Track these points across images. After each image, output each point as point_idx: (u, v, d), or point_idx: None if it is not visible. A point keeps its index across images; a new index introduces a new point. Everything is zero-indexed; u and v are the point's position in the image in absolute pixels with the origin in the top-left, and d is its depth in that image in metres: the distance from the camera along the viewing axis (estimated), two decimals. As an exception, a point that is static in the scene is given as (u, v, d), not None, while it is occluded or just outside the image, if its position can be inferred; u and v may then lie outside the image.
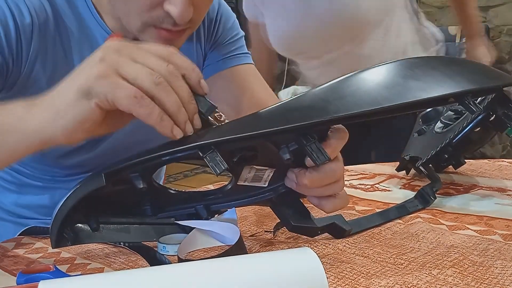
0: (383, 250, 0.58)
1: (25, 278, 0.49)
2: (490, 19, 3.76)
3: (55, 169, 0.83)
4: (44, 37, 0.70)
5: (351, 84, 0.53)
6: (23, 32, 0.68)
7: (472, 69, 0.62)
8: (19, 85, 0.70)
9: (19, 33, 0.68)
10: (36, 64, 0.70)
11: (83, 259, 0.58)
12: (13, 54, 0.68)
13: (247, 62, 0.93)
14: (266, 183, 0.58)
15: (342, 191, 0.60)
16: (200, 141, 0.48)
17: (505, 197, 0.78)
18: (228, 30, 0.91)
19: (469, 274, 0.51)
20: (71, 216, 0.53)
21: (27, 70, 0.70)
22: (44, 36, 0.70)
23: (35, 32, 0.69)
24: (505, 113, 0.70)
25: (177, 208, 0.60)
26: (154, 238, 0.60)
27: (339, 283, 0.50)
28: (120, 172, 0.50)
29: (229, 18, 0.92)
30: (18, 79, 0.70)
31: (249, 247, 0.59)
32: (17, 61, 0.69)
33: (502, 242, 0.60)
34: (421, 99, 0.54)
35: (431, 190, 0.75)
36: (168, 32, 0.67)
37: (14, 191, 0.86)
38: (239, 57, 0.92)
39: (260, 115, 0.51)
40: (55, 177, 0.84)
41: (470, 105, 0.57)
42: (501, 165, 0.97)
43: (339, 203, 0.60)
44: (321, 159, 0.51)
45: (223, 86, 0.90)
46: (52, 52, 0.71)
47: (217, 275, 0.39)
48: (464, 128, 0.79)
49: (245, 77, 0.91)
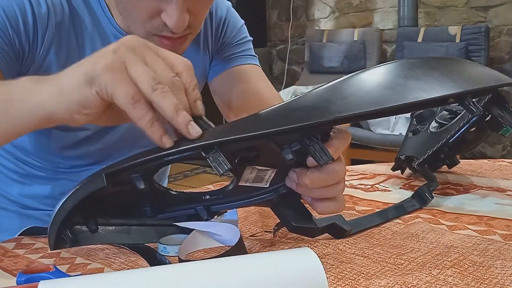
0: (383, 250, 0.58)
1: (25, 278, 0.48)
2: (490, 19, 3.76)
3: (60, 160, 0.85)
4: (59, 28, 0.74)
5: (352, 84, 0.53)
6: (39, 21, 0.72)
7: (471, 69, 0.62)
8: (32, 72, 0.73)
9: (36, 21, 0.71)
10: (50, 52, 0.74)
11: (83, 259, 0.58)
12: (30, 40, 0.72)
13: (253, 63, 0.95)
14: (267, 184, 0.58)
15: (341, 196, 0.59)
16: (203, 141, 0.48)
17: (505, 197, 0.78)
18: (236, 33, 0.93)
19: (469, 274, 0.51)
20: (70, 217, 0.53)
21: (41, 57, 0.74)
22: (59, 27, 0.74)
23: (51, 22, 0.73)
24: (500, 113, 0.70)
25: (177, 209, 0.60)
26: (155, 239, 0.60)
27: (339, 283, 0.50)
28: (121, 173, 0.50)
29: (237, 23, 0.95)
30: (32, 64, 0.73)
31: (249, 247, 0.59)
32: (32, 47, 0.73)
33: (502, 242, 0.60)
34: (422, 99, 0.54)
35: (428, 189, 0.75)
36: (169, 40, 0.70)
37: (19, 181, 0.88)
38: (246, 58, 0.94)
39: (263, 115, 0.51)
40: (59, 168, 0.86)
41: (470, 106, 0.57)
42: (501, 165, 0.97)
43: (333, 206, 0.59)
44: (325, 159, 0.51)
45: (228, 84, 0.92)
46: (66, 43, 0.75)
47: (217, 275, 0.39)
48: (461, 128, 0.80)
49: (251, 77, 0.93)
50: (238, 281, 0.39)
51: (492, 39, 3.71)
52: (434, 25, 4.02)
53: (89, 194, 0.50)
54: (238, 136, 0.48)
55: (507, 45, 3.73)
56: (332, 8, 4.48)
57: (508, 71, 3.70)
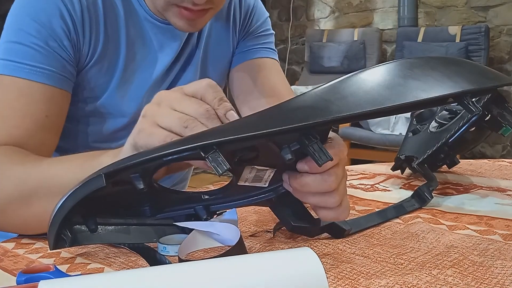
0: (383, 250, 0.58)
1: (25, 278, 0.48)
2: (490, 19, 3.76)
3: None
4: (95, 18, 0.78)
5: (352, 84, 0.53)
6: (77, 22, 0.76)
7: (470, 69, 0.62)
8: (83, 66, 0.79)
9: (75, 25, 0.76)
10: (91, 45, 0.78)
11: (83, 259, 0.58)
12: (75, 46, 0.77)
13: (272, 57, 0.97)
14: (266, 183, 0.58)
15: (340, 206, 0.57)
16: (202, 141, 0.48)
17: (505, 197, 0.78)
18: (261, 24, 0.97)
19: (469, 274, 0.51)
20: (70, 217, 0.53)
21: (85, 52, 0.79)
22: (94, 17, 0.78)
23: (85, 16, 0.77)
24: (500, 113, 0.70)
25: (176, 208, 0.60)
26: (154, 239, 0.60)
27: (339, 283, 0.50)
28: (120, 173, 0.50)
29: (263, 14, 0.98)
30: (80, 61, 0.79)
31: (249, 247, 0.59)
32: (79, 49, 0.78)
33: (502, 242, 0.60)
34: (421, 99, 0.54)
35: (427, 189, 0.75)
36: (189, 11, 0.73)
37: None
38: (267, 51, 0.97)
39: (262, 115, 0.50)
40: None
41: (469, 105, 0.57)
42: (501, 165, 0.97)
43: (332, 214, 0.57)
44: (323, 159, 0.51)
45: (247, 76, 0.95)
46: (103, 30, 0.79)
47: (217, 275, 0.39)
48: (461, 128, 0.80)
49: (270, 72, 0.96)
50: (238, 281, 0.39)
51: (492, 39, 3.71)
52: (434, 25, 4.02)
53: (89, 194, 0.50)
54: (237, 136, 0.48)
55: (507, 45, 3.73)
56: (332, 8, 4.49)
57: (508, 71, 3.71)
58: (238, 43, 0.95)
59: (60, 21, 0.74)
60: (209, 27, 0.91)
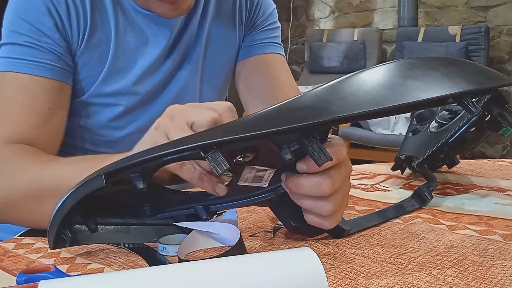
0: (383, 250, 0.58)
1: (25, 278, 0.48)
2: (490, 19, 3.76)
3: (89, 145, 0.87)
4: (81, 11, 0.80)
5: (351, 84, 0.53)
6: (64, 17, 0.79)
7: (470, 69, 0.62)
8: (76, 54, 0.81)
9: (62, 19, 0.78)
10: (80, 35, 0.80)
11: (83, 259, 0.58)
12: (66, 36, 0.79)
13: (279, 53, 0.97)
14: (266, 183, 0.58)
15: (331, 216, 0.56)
16: (202, 141, 0.48)
17: (505, 197, 0.78)
18: (268, 17, 0.96)
19: (469, 274, 0.51)
20: (70, 217, 0.53)
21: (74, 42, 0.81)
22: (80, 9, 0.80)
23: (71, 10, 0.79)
24: (500, 113, 0.70)
25: (176, 208, 0.60)
26: (154, 239, 0.60)
27: (339, 283, 0.50)
28: (120, 172, 0.50)
29: (270, 6, 0.97)
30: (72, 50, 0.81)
31: (249, 247, 0.59)
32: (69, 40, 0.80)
33: (502, 242, 0.60)
34: (421, 99, 0.54)
35: (427, 189, 0.75)
36: None
37: None
38: (274, 46, 0.97)
39: (262, 115, 0.50)
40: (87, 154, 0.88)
41: (469, 106, 0.57)
42: (501, 165, 0.97)
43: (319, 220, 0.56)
44: (323, 159, 0.51)
45: (254, 72, 0.95)
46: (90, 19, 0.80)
47: (217, 275, 0.39)
48: (461, 128, 0.80)
49: (276, 69, 0.96)
50: (238, 281, 0.39)
51: (492, 39, 3.71)
52: (434, 25, 4.02)
53: (89, 194, 0.50)
54: (236, 136, 0.48)
55: (507, 45, 3.73)
56: (332, 8, 4.49)
57: (508, 71, 3.71)
58: (244, 36, 0.94)
59: (49, 16, 0.78)
60: (211, 21, 0.91)
